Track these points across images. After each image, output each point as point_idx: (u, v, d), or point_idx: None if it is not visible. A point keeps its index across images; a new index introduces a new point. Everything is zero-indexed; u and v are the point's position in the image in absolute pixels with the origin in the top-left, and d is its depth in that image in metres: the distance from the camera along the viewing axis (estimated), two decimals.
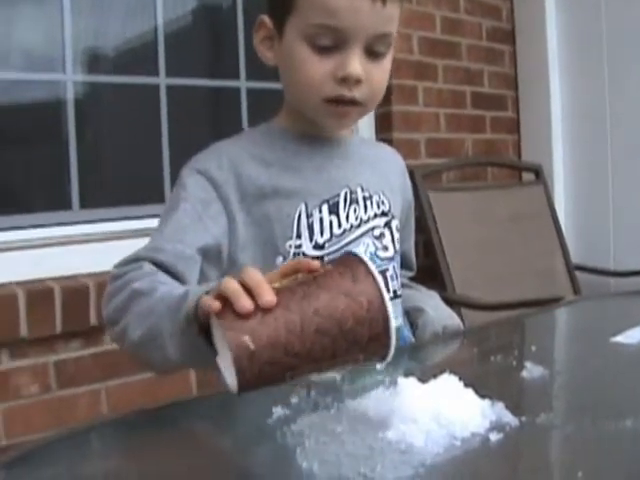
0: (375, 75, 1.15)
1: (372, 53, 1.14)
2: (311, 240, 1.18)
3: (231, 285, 0.76)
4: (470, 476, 0.72)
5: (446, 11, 3.15)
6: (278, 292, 0.74)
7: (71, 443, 0.85)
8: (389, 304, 0.75)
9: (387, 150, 1.43)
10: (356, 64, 1.12)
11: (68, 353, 2.11)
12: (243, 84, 2.70)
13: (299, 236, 1.18)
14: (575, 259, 3.18)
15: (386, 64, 1.17)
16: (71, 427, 0.89)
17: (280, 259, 1.17)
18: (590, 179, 3.36)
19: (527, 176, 3.37)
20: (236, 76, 2.69)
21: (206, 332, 0.83)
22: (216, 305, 0.75)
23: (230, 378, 0.74)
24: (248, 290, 0.74)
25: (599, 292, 2.92)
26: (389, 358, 0.77)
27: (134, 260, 1.08)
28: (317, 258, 1.16)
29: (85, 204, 2.34)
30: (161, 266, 1.08)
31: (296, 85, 1.18)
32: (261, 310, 0.73)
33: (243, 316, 0.73)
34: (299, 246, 1.18)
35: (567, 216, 3.38)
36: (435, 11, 3.10)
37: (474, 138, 3.31)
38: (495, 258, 2.90)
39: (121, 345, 1.04)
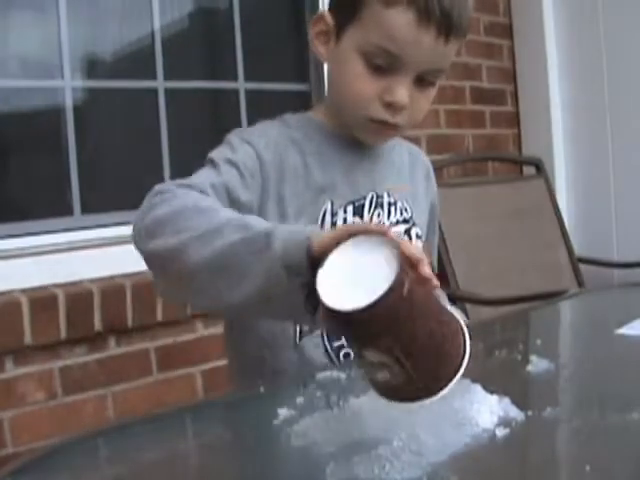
0: (419, 103, 1.16)
1: (422, 81, 1.14)
2: None
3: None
4: (478, 472, 0.72)
5: None
6: None
7: (78, 450, 0.85)
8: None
9: (414, 152, 1.42)
10: (404, 92, 1.12)
11: (73, 359, 2.11)
12: (242, 85, 2.69)
13: None
14: (578, 252, 3.18)
15: (432, 92, 1.18)
16: (78, 434, 0.89)
17: None
18: (591, 171, 3.35)
19: (528, 170, 3.36)
20: (234, 77, 2.68)
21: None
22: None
23: (350, 299, 0.70)
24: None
25: (603, 284, 2.92)
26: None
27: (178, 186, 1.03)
28: None
29: (86, 210, 2.34)
30: None
31: (343, 96, 1.18)
32: None
33: None
34: None
35: (569, 209, 3.38)
36: None
37: (474, 133, 3.31)
38: (498, 253, 2.90)
39: (161, 261, 0.94)
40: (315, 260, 0.77)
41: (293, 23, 2.89)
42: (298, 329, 1.17)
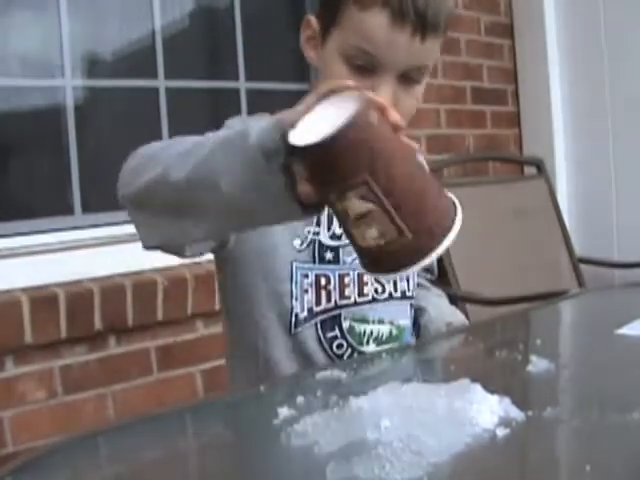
0: (404, 101, 1.16)
1: (406, 79, 1.15)
2: (329, 230, 1.22)
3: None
4: (478, 472, 0.72)
5: None
6: None
7: (78, 449, 0.85)
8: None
9: None
10: (386, 91, 1.13)
11: (73, 358, 2.11)
12: (242, 85, 2.69)
13: (318, 224, 1.22)
14: (579, 252, 3.17)
15: (418, 90, 1.18)
16: (78, 433, 0.89)
17: (297, 241, 1.20)
18: (592, 171, 3.35)
19: (529, 170, 3.36)
20: (235, 77, 2.68)
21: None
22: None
23: (316, 132, 0.74)
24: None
25: (603, 284, 2.91)
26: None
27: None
28: (332, 248, 1.22)
29: (87, 209, 2.34)
30: None
31: None
32: None
33: None
34: (317, 233, 1.21)
35: (570, 209, 3.38)
36: None
37: (475, 133, 3.31)
38: (499, 253, 2.89)
39: (147, 197, 0.97)
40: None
41: (293, 23, 2.89)
42: (294, 318, 1.18)
